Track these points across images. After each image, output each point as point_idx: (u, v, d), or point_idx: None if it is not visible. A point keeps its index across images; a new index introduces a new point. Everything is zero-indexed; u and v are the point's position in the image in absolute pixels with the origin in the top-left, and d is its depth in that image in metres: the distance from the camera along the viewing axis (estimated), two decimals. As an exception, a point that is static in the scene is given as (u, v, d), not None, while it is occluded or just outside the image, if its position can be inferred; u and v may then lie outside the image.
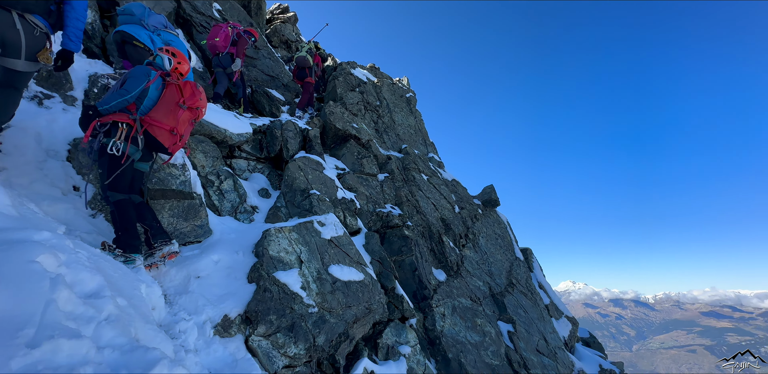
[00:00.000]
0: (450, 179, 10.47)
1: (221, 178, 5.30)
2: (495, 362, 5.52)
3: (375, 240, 5.91)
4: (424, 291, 5.89)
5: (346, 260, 4.84)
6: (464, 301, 6.27)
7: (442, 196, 8.88)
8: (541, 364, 6.09)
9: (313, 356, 3.69)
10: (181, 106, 3.17)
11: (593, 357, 8.07)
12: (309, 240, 4.63)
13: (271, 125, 6.95)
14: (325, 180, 6.41)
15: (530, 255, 10.15)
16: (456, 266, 7.07)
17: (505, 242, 9.40)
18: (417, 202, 7.91)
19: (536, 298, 8.23)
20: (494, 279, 7.69)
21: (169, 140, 3.25)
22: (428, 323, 5.48)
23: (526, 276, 8.77)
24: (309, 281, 4.15)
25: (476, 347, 5.54)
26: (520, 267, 8.93)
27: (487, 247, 8.60)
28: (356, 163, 7.93)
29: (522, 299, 7.61)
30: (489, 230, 9.38)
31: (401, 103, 12.14)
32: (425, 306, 5.71)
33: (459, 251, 7.69)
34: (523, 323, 6.81)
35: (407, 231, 6.60)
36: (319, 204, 5.64)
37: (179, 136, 3.29)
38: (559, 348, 7.05)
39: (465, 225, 8.68)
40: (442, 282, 6.39)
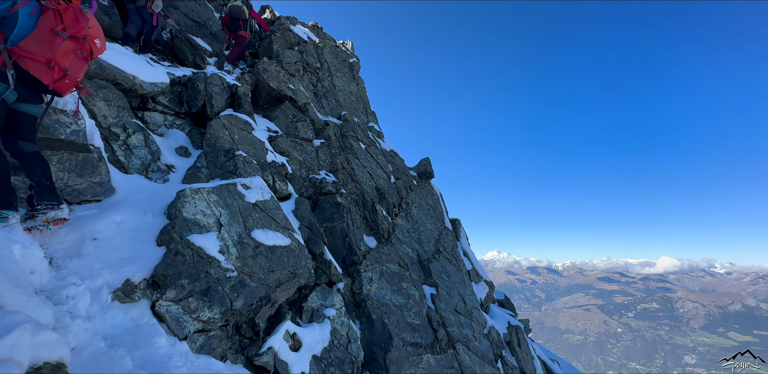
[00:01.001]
0: (388, 150, 10.50)
1: (128, 131, 4.68)
2: (416, 322, 5.89)
3: (305, 206, 5.77)
4: (353, 257, 5.97)
5: (271, 225, 4.66)
6: (392, 267, 6.51)
7: (379, 166, 8.89)
8: (458, 323, 6.65)
9: (230, 320, 3.58)
10: (58, 33, 2.62)
11: (504, 315, 9.03)
12: (231, 203, 4.35)
13: (194, 77, 6.23)
14: (253, 141, 6.00)
15: (458, 225, 10.77)
16: (387, 234, 7.25)
17: (436, 213, 9.82)
18: (353, 170, 7.82)
19: (460, 264, 8.85)
20: (423, 246, 8.06)
21: (47, 75, 2.71)
22: (356, 287, 5.62)
23: (452, 245, 9.33)
24: (229, 245, 3.94)
25: (400, 309, 5.84)
26: (448, 236, 9.45)
27: (418, 217, 8.91)
28: (291, 126, 7.53)
29: (447, 265, 8.12)
30: (422, 201, 9.70)
31: (344, 68, 11.63)
32: (354, 271, 5.81)
33: (391, 220, 7.87)
34: (446, 286, 7.31)
35: (340, 199, 6.54)
36: (245, 166, 5.29)
37: (62, 71, 2.76)
38: (475, 308, 7.75)
39: (399, 195, 8.86)
40: (372, 249, 6.53)
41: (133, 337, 2.78)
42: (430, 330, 5.92)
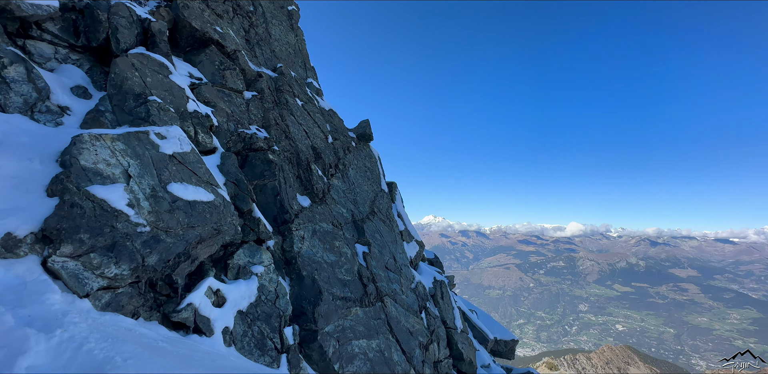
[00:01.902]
0: (327, 108, 10.10)
1: (3, 60, 3.86)
2: (347, 278, 6.10)
3: (232, 162, 5.41)
4: (285, 215, 5.86)
5: (192, 179, 4.32)
6: (326, 226, 6.53)
7: (316, 125, 8.56)
8: (387, 278, 7.02)
9: (143, 276, 3.36)
10: None
11: (432, 272, 9.73)
12: (142, 153, 3.91)
13: (93, 4, 5.22)
14: (171, 87, 5.34)
15: (395, 188, 11.03)
16: (322, 193, 7.18)
17: (373, 175, 9.89)
18: (287, 127, 7.44)
19: (393, 225, 9.18)
20: (358, 207, 8.16)
21: None
22: (287, 245, 5.57)
23: (387, 206, 9.58)
24: (139, 198, 3.59)
25: (332, 266, 5.96)
26: (384, 198, 9.66)
27: (355, 178, 8.92)
28: (217, 74, 6.81)
29: (380, 225, 8.37)
30: (360, 162, 9.67)
31: (281, 16, 10.60)
32: (285, 229, 5.73)
33: (327, 180, 7.77)
34: (378, 245, 7.59)
35: (272, 156, 6.24)
36: (161, 113, 4.73)
37: None
38: (405, 266, 8.22)
39: (336, 156, 8.71)
40: (306, 208, 6.45)
41: (17, 295, 2.48)
42: (360, 286, 6.19)
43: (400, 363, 5.64)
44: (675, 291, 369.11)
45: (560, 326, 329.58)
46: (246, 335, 3.93)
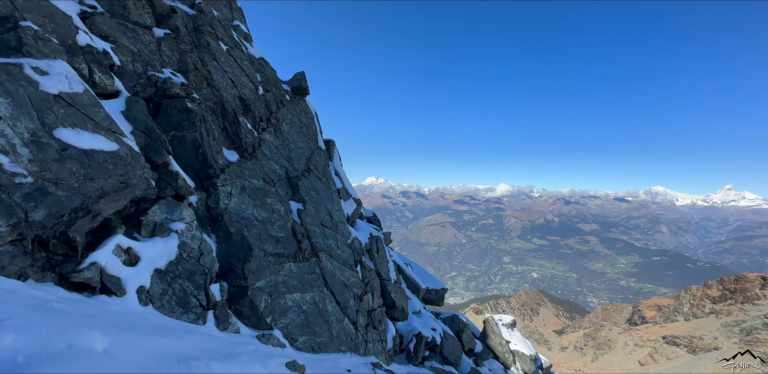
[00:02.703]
0: (257, 56, 9.18)
1: None
2: (280, 234, 5.98)
3: (141, 108, 4.75)
4: (209, 170, 5.42)
5: (87, 125, 3.71)
6: (256, 182, 6.21)
7: (244, 73, 7.78)
8: (323, 234, 7.04)
9: (27, 233, 2.92)
10: None
11: (369, 228, 9.97)
12: (14, 91, 3.22)
13: None
14: (53, 12, 4.36)
15: (333, 146, 10.76)
16: (252, 148, 6.73)
17: (310, 131, 9.48)
18: (209, 74, 6.65)
19: (330, 183, 9.07)
20: (292, 164, 7.85)
21: None
22: (212, 201, 5.22)
23: (324, 164, 9.37)
24: (15, 144, 3.01)
25: (263, 223, 5.77)
26: (321, 156, 9.40)
27: (290, 134, 8.47)
28: (117, 3, 5.70)
29: (316, 183, 8.20)
30: (295, 118, 9.15)
31: (199, -63, 8.98)
32: (210, 185, 5.33)
33: (258, 134, 7.27)
34: (314, 202, 7.48)
35: (191, 104, 5.59)
36: (38, 44, 3.87)
37: None
38: (341, 222, 8.29)
39: (269, 109, 8.12)
40: (233, 163, 6.02)
41: None
42: (295, 242, 6.13)
43: (334, 313, 5.88)
44: (580, 243, 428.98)
45: (486, 276, 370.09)
46: (166, 293, 3.72)
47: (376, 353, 6.53)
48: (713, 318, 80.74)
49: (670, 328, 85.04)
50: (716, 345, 74.02)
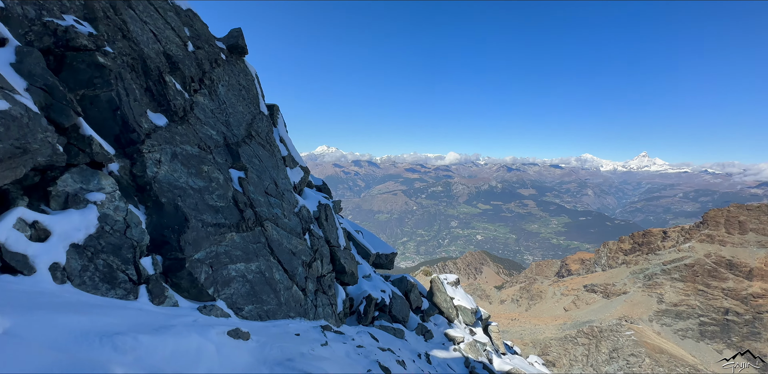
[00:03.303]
0: (185, 8, 8.11)
1: None
2: (220, 204, 5.67)
3: (36, 61, 4.02)
4: (131, 134, 4.86)
5: (-39, 78, 3.07)
6: (190, 149, 5.73)
7: (169, 26, 6.86)
8: (267, 203, 6.81)
9: None
10: None
11: (317, 196, 9.84)
12: None
13: None
14: None
15: (276, 111, 10.17)
16: (183, 111, 6.12)
17: (250, 95, 8.82)
18: (125, 24, 5.76)
19: (275, 150, 8.66)
20: (232, 129, 7.33)
21: None
22: (137, 169, 4.74)
23: (267, 130, 8.87)
24: None
25: (199, 192, 5.41)
26: (263, 122, 8.86)
27: (227, 97, 7.82)
28: (-14, -77, 4.57)
29: (259, 150, 7.79)
30: (233, 80, 8.41)
31: None
32: (133, 151, 4.81)
33: (189, 96, 6.61)
34: (256, 170, 7.13)
35: (104, 59, 4.85)
36: None
37: None
38: (288, 191, 8.06)
39: (201, 69, 7.34)
40: (162, 128, 5.46)
41: None
42: (236, 211, 5.87)
43: (282, 281, 5.86)
44: (519, 207, 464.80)
45: (435, 240, 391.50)
46: (87, 270, 3.41)
47: (326, 316, 6.72)
48: (624, 267, 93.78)
49: (590, 278, 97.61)
50: (625, 290, 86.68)
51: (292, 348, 3.61)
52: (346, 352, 4.71)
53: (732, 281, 75.24)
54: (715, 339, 71.62)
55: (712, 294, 75.34)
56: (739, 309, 72.08)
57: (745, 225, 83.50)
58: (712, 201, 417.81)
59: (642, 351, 63.33)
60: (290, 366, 2.95)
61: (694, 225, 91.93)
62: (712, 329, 72.54)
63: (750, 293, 72.55)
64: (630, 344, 65.92)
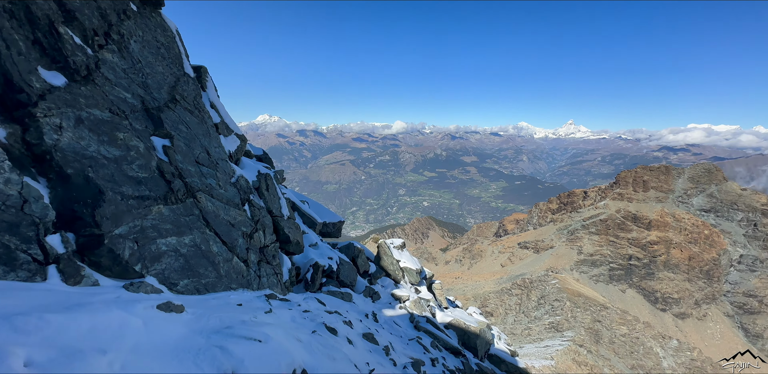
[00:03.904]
0: (74, -60, 6.74)
1: None
2: (142, 174, 5.17)
3: None
4: (19, 95, 4.13)
5: None
6: (99, 113, 5.04)
7: (54, -39, 5.69)
8: (199, 173, 6.35)
9: None
10: None
11: (256, 166, 9.38)
12: None
13: None
14: None
15: (205, 74, 9.24)
16: (86, 70, 5.29)
17: (171, 54, 7.84)
18: (-10, -45, 4.66)
19: (204, 116, 7.97)
20: (151, 93, 6.54)
21: None
22: (31, 137, 4.09)
23: (195, 94, 8.07)
24: None
25: (116, 162, 4.86)
26: (189, 85, 8.02)
27: (143, 55, 6.88)
28: None
29: (186, 116, 7.10)
30: (148, 35, 7.37)
31: None
32: (23, 115, 4.12)
33: (93, 52, 5.70)
34: (184, 138, 6.54)
35: (-35, -1, 3.93)
36: None
37: None
38: (223, 160, 7.56)
39: (105, 20, 6.30)
40: (59, 88, 4.69)
41: None
42: (163, 182, 5.41)
43: (221, 254, 5.64)
44: (462, 173, 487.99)
45: (384, 208, 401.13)
46: (-24, 251, 2.97)
47: (271, 286, 6.68)
48: (552, 225, 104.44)
49: (523, 236, 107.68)
50: (552, 244, 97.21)
51: (233, 316, 3.56)
52: (291, 317, 4.78)
53: (635, 232, 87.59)
54: (621, 281, 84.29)
55: (619, 243, 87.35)
56: (639, 254, 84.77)
57: (648, 184, 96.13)
58: (624, 164, 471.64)
59: (564, 296, 72.76)
60: (229, 333, 2.92)
61: (609, 186, 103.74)
62: (618, 273, 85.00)
63: (648, 241, 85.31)
64: (554, 291, 75.26)
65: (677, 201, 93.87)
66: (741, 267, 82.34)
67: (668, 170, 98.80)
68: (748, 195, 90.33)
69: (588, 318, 67.12)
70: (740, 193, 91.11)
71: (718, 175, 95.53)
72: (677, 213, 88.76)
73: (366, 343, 5.68)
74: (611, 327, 66.74)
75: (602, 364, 51.36)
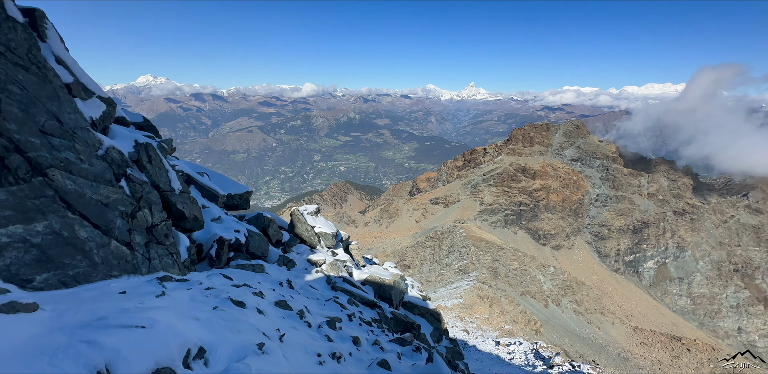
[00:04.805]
0: None
1: None
2: (-43, 150, 4.01)
3: None
4: None
5: None
6: None
7: None
8: (48, 145, 5.18)
9: None
10: None
11: (133, 136, 8.05)
12: None
13: None
14: None
15: (42, 19, 7.24)
16: None
17: (-25, -13, 5.90)
18: None
19: (48, 74, 6.38)
20: (-51, 40, 4.93)
21: None
22: None
23: (29, 45, 6.34)
24: None
25: None
26: (18, 32, 6.24)
27: (-77, -14, 5.04)
28: None
29: (18, 73, 5.59)
30: (-72, -43, 5.37)
31: None
32: None
33: None
34: (18, 102, 5.19)
35: None
36: None
37: None
38: (82, 129, 6.26)
39: None
40: None
41: None
42: (-10, 158, 4.30)
43: (92, 239, 4.86)
44: (376, 136, 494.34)
45: (300, 176, 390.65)
46: None
47: (165, 268, 6.09)
48: (458, 181, 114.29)
49: (434, 193, 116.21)
50: (459, 198, 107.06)
51: (111, 306, 3.16)
52: (191, 297, 4.47)
53: (524, 182, 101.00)
54: (513, 225, 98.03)
55: (512, 193, 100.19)
56: (527, 201, 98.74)
57: (533, 140, 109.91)
58: (515, 123, 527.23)
59: (469, 243, 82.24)
60: (101, 325, 2.58)
61: (503, 143, 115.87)
62: (511, 218, 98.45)
63: (533, 189, 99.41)
64: (461, 239, 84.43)
65: (554, 153, 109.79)
66: (597, 204, 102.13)
67: (548, 127, 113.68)
68: (603, 146, 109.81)
69: (488, 259, 77.64)
70: (598, 145, 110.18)
71: (584, 130, 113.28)
72: (554, 164, 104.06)
73: (279, 310, 5.67)
74: (506, 263, 78.48)
75: (500, 295, 60.79)
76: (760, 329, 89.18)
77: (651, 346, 68.34)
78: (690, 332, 79.87)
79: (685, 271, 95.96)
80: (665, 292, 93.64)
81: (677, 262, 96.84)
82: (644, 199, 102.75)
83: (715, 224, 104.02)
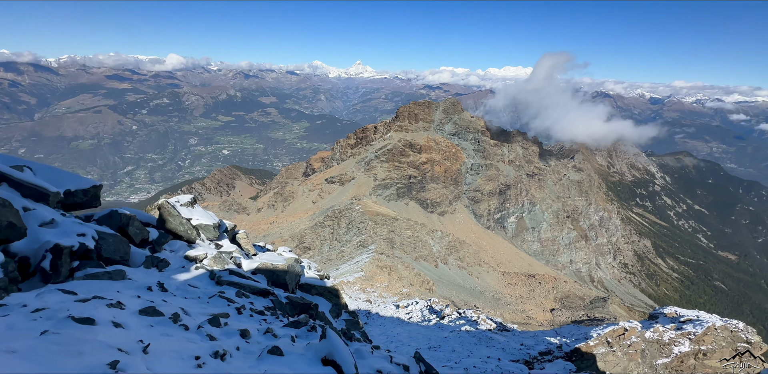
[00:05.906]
0: None
1: None
2: None
3: None
4: None
5: None
6: None
7: None
8: None
9: None
10: None
11: None
12: None
13: None
14: None
15: None
16: None
17: None
18: None
19: None
20: None
21: None
22: None
23: None
24: None
25: None
26: None
27: None
28: None
29: None
30: None
31: None
32: None
33: None
34: None
35: None
36: None
37: None
38: None
39: None
40: None
41: None
42: None
43: None
44: (263, 116, 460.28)
45: (174, 163, 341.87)
46: None
47: (-34, 292, 4.71)
48: (352, 159, 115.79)
49: (329, 172, 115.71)
50: (354, 176, 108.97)
51: None
52: (8, 325, 3.57)
53: (412, 156, 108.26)
54: (405, 197, 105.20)
55: (402, 167, 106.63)
56: (415, 174, 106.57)
57: (418, 117, 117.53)
58: (401, 100, 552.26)
59: (367, 218, 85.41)
60: None
61: (392, 120, 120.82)
62: (402, 191, 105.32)
63: (420, 162, 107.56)
64: (359, 215, 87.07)
65: (436, 129, 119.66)
66: (471, 173, 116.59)
67: (429, 104, 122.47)
68: (474, 121, 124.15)
69: (385, 231, 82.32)
70: (470, 120, 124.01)
71: (459, 107, 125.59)
72: (437, 138, 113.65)
73: (145, 319, 5.00)
74: (401, 233, 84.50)
75: (397, 263, 65.59)
76: (583, 259, 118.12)
77: (515, 285, 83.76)
78: (540, 269, 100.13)
79: (535, 222, 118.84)
80: (523, 240, 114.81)
81: (530, 215, 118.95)
82: (506, 166, 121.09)
83: (554, 182, 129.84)
